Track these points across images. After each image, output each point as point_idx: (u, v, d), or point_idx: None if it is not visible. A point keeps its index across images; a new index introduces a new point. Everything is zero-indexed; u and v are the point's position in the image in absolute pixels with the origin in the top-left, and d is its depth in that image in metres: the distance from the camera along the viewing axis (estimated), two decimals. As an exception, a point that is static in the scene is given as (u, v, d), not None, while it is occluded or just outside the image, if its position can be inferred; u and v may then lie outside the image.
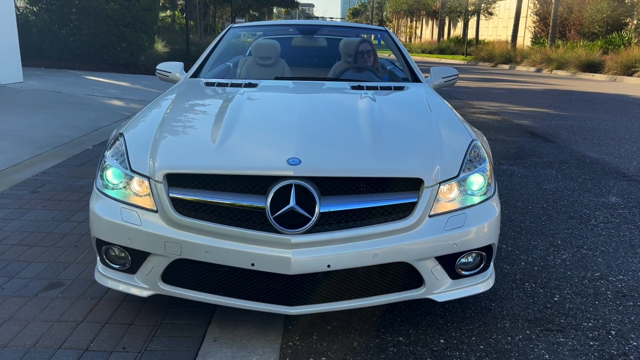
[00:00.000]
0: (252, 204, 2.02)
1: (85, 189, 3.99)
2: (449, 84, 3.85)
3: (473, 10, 37.48)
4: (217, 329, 2.22)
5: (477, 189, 2.24)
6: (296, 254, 1.99)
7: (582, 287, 2.77)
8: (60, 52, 13.12)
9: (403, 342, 2.22)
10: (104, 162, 2.29)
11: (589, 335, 2.32)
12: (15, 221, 3.33)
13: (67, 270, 2.71)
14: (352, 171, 2.08)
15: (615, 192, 4.55)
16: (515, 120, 8.38)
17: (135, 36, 13.69)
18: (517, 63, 25.45)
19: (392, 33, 4.46)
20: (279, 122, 2.50)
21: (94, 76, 11.78)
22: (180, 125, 2.53)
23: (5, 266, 2.73)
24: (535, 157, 5.81)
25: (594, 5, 26.38)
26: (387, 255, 2.06)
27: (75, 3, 12.91)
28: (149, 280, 2.17)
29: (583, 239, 3.44)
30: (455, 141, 2.40)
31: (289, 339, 2.22)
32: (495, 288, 2.70)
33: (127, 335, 2.16)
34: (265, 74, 3.86)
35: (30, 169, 4.47)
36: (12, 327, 2.20)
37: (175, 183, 2.10)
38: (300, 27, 5.27)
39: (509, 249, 3.24)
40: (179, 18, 29.62)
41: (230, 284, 2.11)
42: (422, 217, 2.09)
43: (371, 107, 2.67)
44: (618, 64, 18.41)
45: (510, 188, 4.58)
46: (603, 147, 6.45)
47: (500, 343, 2.24)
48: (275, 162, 2.07)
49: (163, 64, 3.86)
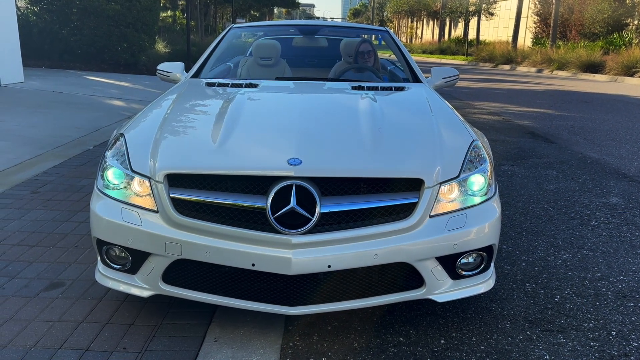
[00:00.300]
0: (253, 204, 2.02)
1: (86, 189, 4.00)
2: (450, 84, 3.85)
3: (474, 11, 37.47)
4: (218, 329, 2.22)
5: (477, 189, 2.24)
6: (297, 254, 1.99)
7: (582, 287, 2.77)
8: (61, 52, 13.13)
9: (403, 342, 2.22)
10: (105, 162, 2.29)
11: (590, 336, 2.32)
12: (16, 221, 3.34)
13: (68, 271, 2.71)
14: (353, 171, 2.08)
15: (616, 192, 4.54)
16: (516, 121, 8.38)
17: (136, 36, 13.70)
18: (518, 63, 25.44)
19: (392, 33, 4.46)
20: (280, 122, 2.50)
21: (94, 76, 11.79)
22: (181, 126, 2.53)
23: (5, 266, 2.74)
24: (536, 158, 5.80)
25: (595, 6, 26.37)
26: (387, 256, 2.06)
27: (76, 3, 12.92)
28: (150, 281, 2.17)
29: (584, 240, 3.44)
30: (456, 141, 2.40)
31: (289, 339, 2.22)
32: (496, 288, 2.70)
33: (128, 336, 2.16)
34: (266, 74, 3.86)
35: (31, 169, 4.47)
36: (12, 327, 2.20)
37: (175, 183, 2.10)
38: (301, 27, 5.28)
39: (509, 250, 3.24)
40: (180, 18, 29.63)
41: (230, 284, 2.11)
42: (422, 217, 2.09)
43: (372, 108, 2.67)
44: (619, 64, 18.40)
45: (510, 188, 4.58)
46: (604, 147, 6.44)
47: (501, 344, 2.24)
48: (276, 163, 2.07)
49: (164, 64, 3.86)
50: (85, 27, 13.02)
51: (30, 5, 13.34)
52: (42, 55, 13.03)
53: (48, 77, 10.75)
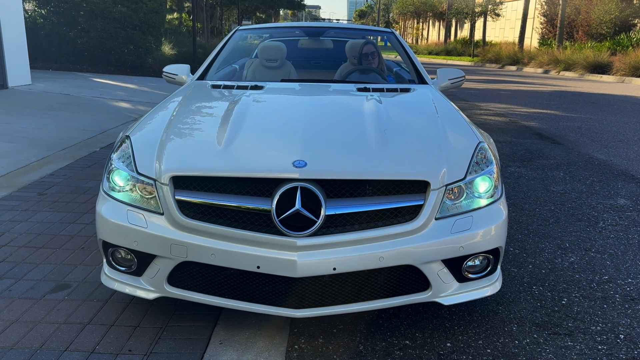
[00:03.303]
0: (258, 206, 2.02)
1: (92, 191, 4.01)
2: (456, 85, 3.84)
3: (480, 12, 37.34)
4: (223, 332, 2.22)
5: (484, 191, 2.23)
6: (302, 256, 1.99)
7: (590, 290, 2.75)
8: (68, 55, 13.21)
9: (409, 345, 2.21)
10: (111, 165, 2.30)
11: (598, 339, 2.30)
12: (23, 223, 3.35)
13: (74, 272, 2.72)
14: (358, 173, 2.07)
15: (623, 194, 4.51)
16: (522, 122, 8.34)
17: (143, 38, 13.76)
18: (525, 64, 25.33)
19: (398, 35, 4.46)
20: (285, 124, 2.50)
21: (101, 78, 11.85)
22: (187, 128, 2.53)
23: (12, 268, 2.75)
24: (542, 159, 5.77)
25: (602, 6, 26.22)
26: (393, 258, 2.05)
27: (83, 6, 12.99)
28: (155, 283, 2.17)
29: (591, 242, 3.42)
30: (462, 143, 2.39)
31: (294, 341, 2.22)
32: (503, 291, 2.69)
33: (133, 338, 2.16)
34: (272, 76, 3.86)
35: (38, 171, 4.50)
36: (19, 329, 2.21)
37: (181, 185, 2.10)
38: (306, 29, 5.28)
39: (516, 252, 3.22)
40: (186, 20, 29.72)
41: (235, 286, 2.11)
42: (428, 219, 2.08)
43: (377, 109, 2.67)
44: (626, 65, 18.27)
45: (517, 190, 4.55)
46: (611, 149, 6.40)
47: (508, 347, 2.22)
48: (281, 165, 2.07)
49: (170, 67, 3.88)
50: (92, 30, 13.09)
51: (37, 8, 13.43)
52: (49, 58, 13.12)
53: (55, 79, 10.81)
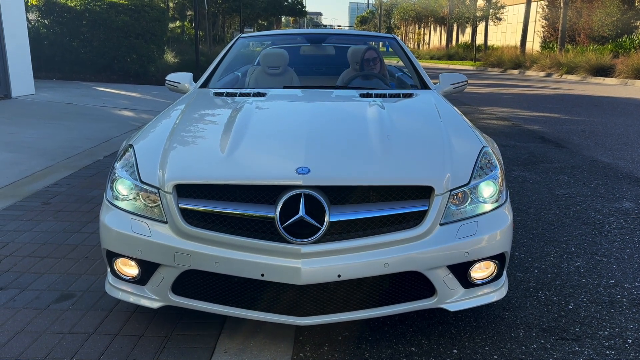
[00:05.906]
0: (262, 213, 2.01)
1: (96, 200, 4.01)
2: (458, 90, 3.83)
3: (481, 16, 37.39)
4: (228, 340, 2.21)
5: (488, 196, 2.22)
6: (306, 263, 1.98)
7: (597, 294, 2.73)
8: (71, 64, 13.27)
9: (415, 352, 2.20)
10: (114, 174, 2.30)
11: (605, 344, 2.28)
12: (27, 233, 3.35)
13: (78, 282, 2.71)
14: (362, 180, 2.07)
15: (628, 197, 4.49)
16: (525, 126, 8.33)
17: (145, 47, 13.82)
18: (527, 68, 25.32)
19: (400, 40, 4.46)
20: (288, 131, 2.49)
21: (104, 87, 11.89)
22: (190, 136, 2.53)
23: (17, 278, 2.75)
24: (546, 163, 5.75)
25: (604, 9, 26.22)
26: (398, 265, 2.04)
27: (86, 15, 13.06)
28: (159, 292, 2.16)
29: (597, 246, 3.39)
30: (466, 148, 2.38)
31: (300, 349, 2.20)
32: (509, 296, 2.67)
33: (138, 347, 2.15)
34: (274, 83, 3.87)
35: (42, 181, 4.51)
36: (23, 339, 2.20)
37: (184, 194, 2.10)
38: (308, 35, 5.29)
39: (521, 257, 3.20)
40: (188, 29, 29.87)
41: (240, 294, 2.10)
42: (433, 225, 2.07)
43: (380, 115, 2.66)
44: (629, 67, 18.24)
45: (522, 194, 4.54)
46: (615, 151, 6.38)
47: (515, 353, 2.20)
48: (284, 172, 2.06)
49: (172, 75, 3.89)
50: (95, 39, 13.16)
51: (40, 18, 13.50)
52: (52, 67, 13.18)
53: (59, 89, 10.86)
